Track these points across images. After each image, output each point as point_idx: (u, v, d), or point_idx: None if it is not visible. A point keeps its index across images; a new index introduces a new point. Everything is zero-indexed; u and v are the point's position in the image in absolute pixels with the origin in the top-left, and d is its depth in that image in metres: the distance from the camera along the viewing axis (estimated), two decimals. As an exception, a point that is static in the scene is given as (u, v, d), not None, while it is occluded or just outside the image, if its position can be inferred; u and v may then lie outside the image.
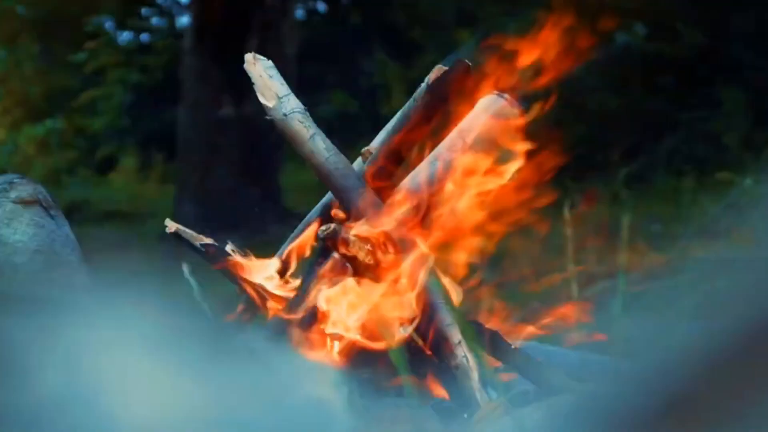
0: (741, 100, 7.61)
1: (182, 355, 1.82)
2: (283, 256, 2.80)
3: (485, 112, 2.63)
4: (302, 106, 2.68)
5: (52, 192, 2.64)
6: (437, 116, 2.61)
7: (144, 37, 13.77)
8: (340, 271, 2.60)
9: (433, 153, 2.67)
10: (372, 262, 2.46)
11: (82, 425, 1.54)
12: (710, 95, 7.89)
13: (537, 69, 2.62)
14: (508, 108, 2.62)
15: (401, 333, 2.49)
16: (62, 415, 1.54)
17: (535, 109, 2.62)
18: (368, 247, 2.45)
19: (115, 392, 1.57)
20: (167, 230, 2.75)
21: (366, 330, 2.53)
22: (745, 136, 7.48)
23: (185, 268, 2.74)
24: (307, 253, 2.75)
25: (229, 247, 2.74)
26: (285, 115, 2.66)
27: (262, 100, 2.69)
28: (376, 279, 2.48)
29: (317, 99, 10.95)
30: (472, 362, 2.40)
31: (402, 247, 2.46)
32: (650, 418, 1.10)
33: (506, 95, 2.63)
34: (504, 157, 2.62)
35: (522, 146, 2.61)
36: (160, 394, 1.64)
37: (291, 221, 3.00)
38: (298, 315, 2.60)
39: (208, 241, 2.74)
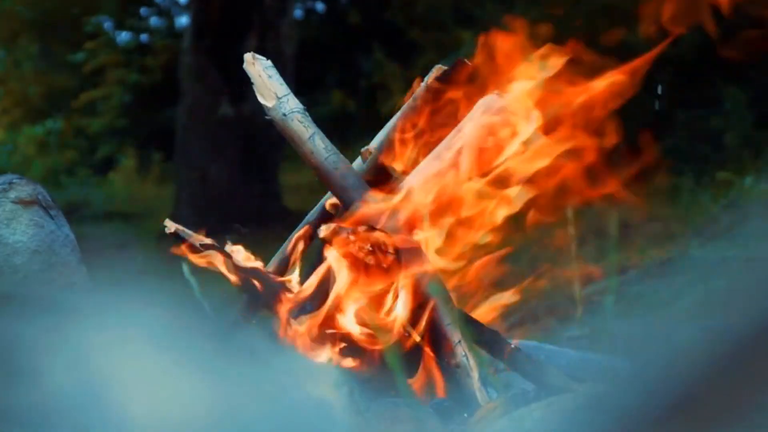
0: (741, 100, 7.60)
1: (182, 354, 1.82)
2: (285, 255, 2.80)
3: (485, 111, 2.63)
4: (301, 106, 2.68)
5: (51, 192, 2.63)
6: (436, 115, 2.61)
7: (143, 37, 13.78)
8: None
9: (432, 152, 2.67)
10: (372, 262, 2.46)
11: (82, 423, 1.54)
12: (710, 94, 7.89)
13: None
14: (507, 108, 2.62)
15: (401, 333, 2.49)
16: (63, 414, 1.54)
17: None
18: (368, 247, 2.45)
19: (116, 392, 1.57)
20: (167, 230, 2.74)
21: (365, 329, 2.53)
22: (745, 136, 7.48)
23: (185, 268, 2.74)
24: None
25: (228, 247, 2.73)
26: (284, 114, 2.66)
27: (261, 100, 2.69)
28: (376, 279, 2.48)
29: (316, 99, 10.96)
30: (472, 361, 2.40)
31: (402, 247, 2.46)
32: (650, 418, 1.10)
33: (507, 94, 2.63)
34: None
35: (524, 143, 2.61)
36: (160, 394, 1.64)
37: (290, 220, 3.00)
38: (298, 314, 2.60)
39: (208, 241, 2.74)
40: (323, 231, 2.45)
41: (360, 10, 12.68)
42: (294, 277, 2.72)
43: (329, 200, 2.72)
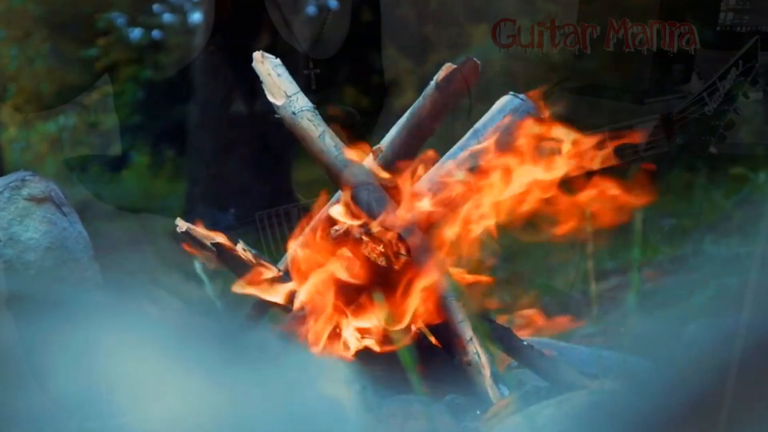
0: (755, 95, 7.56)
1: (194, 352, 1.82)
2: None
3: (501, 112, 2.62)
4: (311, 104, 2.68)
5: (64, 189, 2.64)
6: (447, 114, 2.60)
7: (156, 33, 13.79)
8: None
9: (447, 154, 2.66)
10: (384, 262, 2.45)
11: (91, 421, 1.55)
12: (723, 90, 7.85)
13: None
14: (523, 107, 2.61)
15: (413, 330, 2.49)
16: (73, 411, 1.54)
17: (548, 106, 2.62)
18: (380, 247, 2.44)
19: (128, 390, 1.57)
20: (178, 229, 2.74)
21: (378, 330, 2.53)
22: (758, 131, 7.44)
23: (197, 265, 2.74)
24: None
25: (240, 246, 2.73)
26: (294, 113, 2.65)
27: (270, 98, 2.69)
28: (388, 279, 2.48)
29: (327, 96, 10.95)
30: (484, 359, 2.39)
31: (414, 247, 2.45)
32: (661, 414, 1.10)
33: (522, 95, 2.62)
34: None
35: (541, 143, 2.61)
36: (171, 391, 1.64)
37: (303, 218, 2.99)
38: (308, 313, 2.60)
39: (218, 239, 2.74)
40: (335, 232, 2.45)
41: (372, 6, 12.68)
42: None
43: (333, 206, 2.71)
